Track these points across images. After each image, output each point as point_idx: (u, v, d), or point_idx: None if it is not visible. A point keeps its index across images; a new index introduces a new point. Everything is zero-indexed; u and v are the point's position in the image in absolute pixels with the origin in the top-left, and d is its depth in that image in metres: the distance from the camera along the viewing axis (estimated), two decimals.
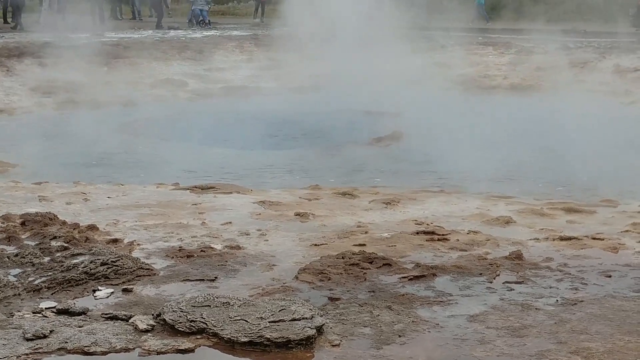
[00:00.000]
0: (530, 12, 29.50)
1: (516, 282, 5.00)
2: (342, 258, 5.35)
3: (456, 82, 19.44)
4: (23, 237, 5.87)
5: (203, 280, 5.04)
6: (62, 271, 5.03)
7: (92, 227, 6.18)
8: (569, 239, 6.07)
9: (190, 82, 19.26)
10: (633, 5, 28.89)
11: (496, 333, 4.18)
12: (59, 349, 3.90)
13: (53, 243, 5.63)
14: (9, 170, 10.17)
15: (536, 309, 4.54)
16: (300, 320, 4.09)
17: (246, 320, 4.08)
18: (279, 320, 4.07)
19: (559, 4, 29.45)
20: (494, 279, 5.07)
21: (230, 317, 4.12)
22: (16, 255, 5.34)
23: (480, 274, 5.16)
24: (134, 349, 3.94)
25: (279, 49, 21.10)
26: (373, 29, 19.51)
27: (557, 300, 4.67)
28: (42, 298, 4.69)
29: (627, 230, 6.39)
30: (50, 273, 5.03)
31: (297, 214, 6.90)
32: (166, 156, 11.53)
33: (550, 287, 4.92)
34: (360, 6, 19.88)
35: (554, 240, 6.07)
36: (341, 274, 5.09)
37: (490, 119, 14.07)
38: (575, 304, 4.62)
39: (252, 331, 3.98)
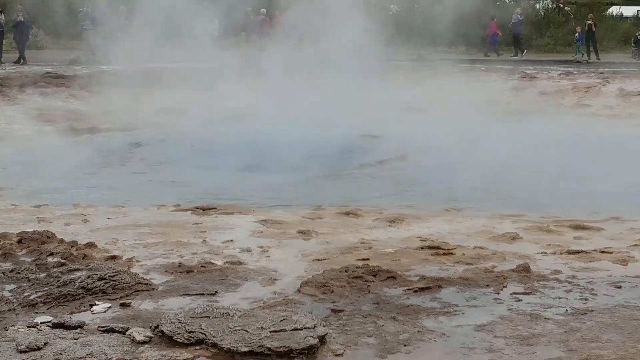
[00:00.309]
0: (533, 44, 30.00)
1: (524, 293, 4.89)
2: (346, 271, 5.23)
3: (460, 107, 19.36)
4: (19, 254, 5.75)
5: (203, 294, 4.93)
6: (58, 286, 4.92)
7: (91, 245, 6.08)
8: (577, 252, 5.97)
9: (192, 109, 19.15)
10: (633, 34, 29.09)
11: (504, 342, 4.06)
12: None
13: (50, 259, 5.52)
14: (8, 193, 10.05)
15: (545, 318, 4.43)
16: (302, 329, 3.96)
17: (246, 331, 3.95)
18: (280, 330, 3.95)
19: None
20: (501, 290, 4.96)
21: (230, 328, 4.00)
22: (12, 271, 5.23)
23: (487, 285, 5.04)
24: None
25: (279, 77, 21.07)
26: (375, 60, 19.57)
27: (566, 310, 4.56)
28: (37, 313, 4.58)
29: (636, 245, 6.28)
30: (46, 288, 4.92)
31: (300, 232, 6.78)
32: (167, 179, 11.45)
33: (559, 298, 4.81)
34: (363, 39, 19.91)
35: (561, 253, 5.96)
36: (344, 286, 4.97)
37: (494, 142, 13.96)
38: (585, 313, 4.51)
39: (253, 341, 3.86)
